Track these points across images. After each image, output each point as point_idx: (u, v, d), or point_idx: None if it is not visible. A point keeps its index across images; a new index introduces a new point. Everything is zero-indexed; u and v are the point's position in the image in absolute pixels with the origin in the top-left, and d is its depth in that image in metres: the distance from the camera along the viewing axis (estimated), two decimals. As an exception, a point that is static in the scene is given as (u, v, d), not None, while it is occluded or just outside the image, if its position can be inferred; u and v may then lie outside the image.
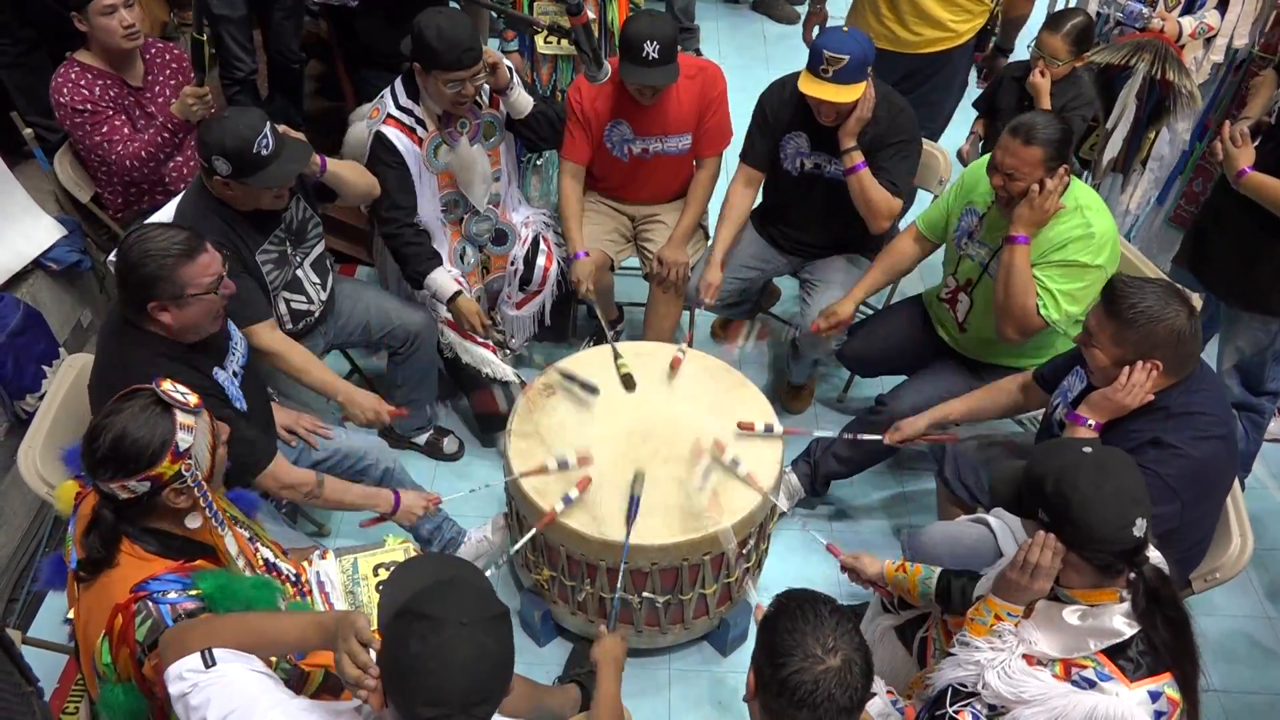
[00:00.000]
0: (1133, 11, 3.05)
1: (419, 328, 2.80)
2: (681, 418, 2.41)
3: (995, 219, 2.46)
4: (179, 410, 1.59)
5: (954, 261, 2.63)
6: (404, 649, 1.25)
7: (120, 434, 1.53)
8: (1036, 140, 2.23)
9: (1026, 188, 2.28)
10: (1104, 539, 1.49)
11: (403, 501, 2.32)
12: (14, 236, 2.74)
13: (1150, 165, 3.27)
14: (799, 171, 2.86)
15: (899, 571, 2.00)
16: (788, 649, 1.37)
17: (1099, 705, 1.46)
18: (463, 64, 2.51)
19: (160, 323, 1.94)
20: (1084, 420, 1.98)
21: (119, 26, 2.63)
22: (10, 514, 2.69)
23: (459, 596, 1.29)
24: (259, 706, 1.36)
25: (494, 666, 1.28)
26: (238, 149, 2.19)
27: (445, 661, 1.23)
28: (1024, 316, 2.35)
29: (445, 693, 1.23)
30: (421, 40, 2.49)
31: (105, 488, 1.55)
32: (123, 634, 1.52)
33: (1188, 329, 1.86)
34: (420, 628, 1.25)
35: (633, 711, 2.24)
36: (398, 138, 2.64)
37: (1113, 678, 1.49)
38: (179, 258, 1.89)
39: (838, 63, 2.53)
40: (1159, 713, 1.48)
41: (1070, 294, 2.33)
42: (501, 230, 2.97)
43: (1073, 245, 2.31)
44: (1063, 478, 1.51)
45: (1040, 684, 1.51)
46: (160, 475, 1.55)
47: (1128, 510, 1.49)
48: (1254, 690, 2.56)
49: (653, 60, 2.66)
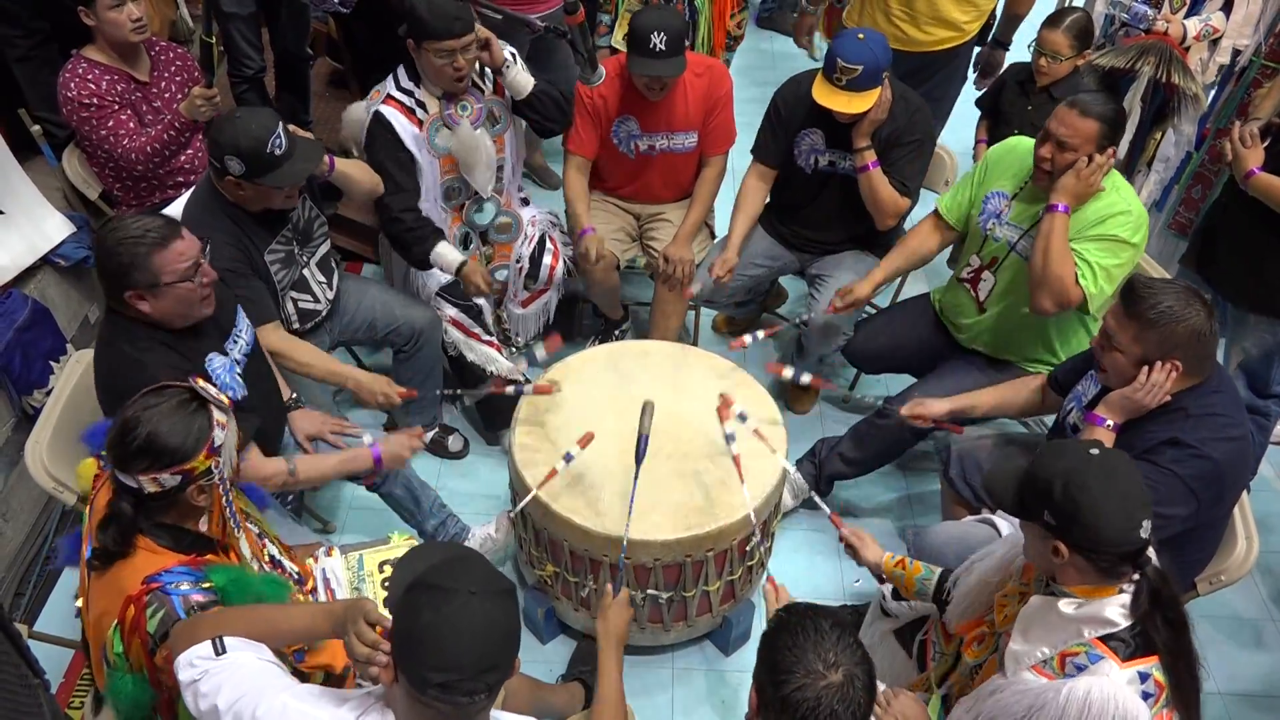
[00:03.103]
0: (1138, 13, 3.05)
1: (423, 325, 2.81)
2: (685, 415, 2.42)
3: (1027, 201, 2.45)
4: (214, 407, 1.61)
5: (978, 243, 2.60)
6: (415, 619, 1.27)
7: (158, 426, 1.54)
8: (1093, 114, 2.23)
9: (1075, 160, 2.26)
10: (1113, 541, 1.48)
11: (386, 450, 2.25)
12: (24, 233, 2.76)
13: (1155, 166, 3.28)
14: (813, 169, 2.86)
15: (897, 567, 2.00)
16: (789, 666, 1.36)
17: (1092, 688, 1.46)
18: (452, 32, 2.51)
19: (140, 311, 1.93)
20: (1102, 421, 1.97)
21: (127, 20, 2.65)
22: (17, 508, 2.70)
23: (468, 569, 1.32)
24: (269, 691, 1.37)
25: (504, 636, 1.29)
26: (252, 149, 2.20)
27: (457, 628, 1.25)
28: (1062, 286, 2.31)
29: (456, 658, 1.24)
30: (412, 12, 2.51)
31: (133, 480, 1.55)
32: (134, 625, 1.52)
33: (1207, 329, 1.85)
34: (432, 597, 1.27)
35: (635, 710, 2.24)
36: (395, 117, 2.65)
37: (1104, 657, 1.48)
38: (152, 246, 1.87)
39: (851, 72, 2.53)
40: (1146, 694, 1.47)
41: (1108, 270, 2.31)
42: (506, 219, 2.97)
43: (1112, 220, 2.30)
44: (1071, 480, 1.49)
45: (1038, 684, 1.52)
46: (193, 470, 1.57)
47: (1136, 513, 1.48)
48: (1257, 692, 2.56)
49: (660, 52, 2.66)
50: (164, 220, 1.94)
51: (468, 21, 2.55)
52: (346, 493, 2.95)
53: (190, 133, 2.79)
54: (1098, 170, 2.26)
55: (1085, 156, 2.25)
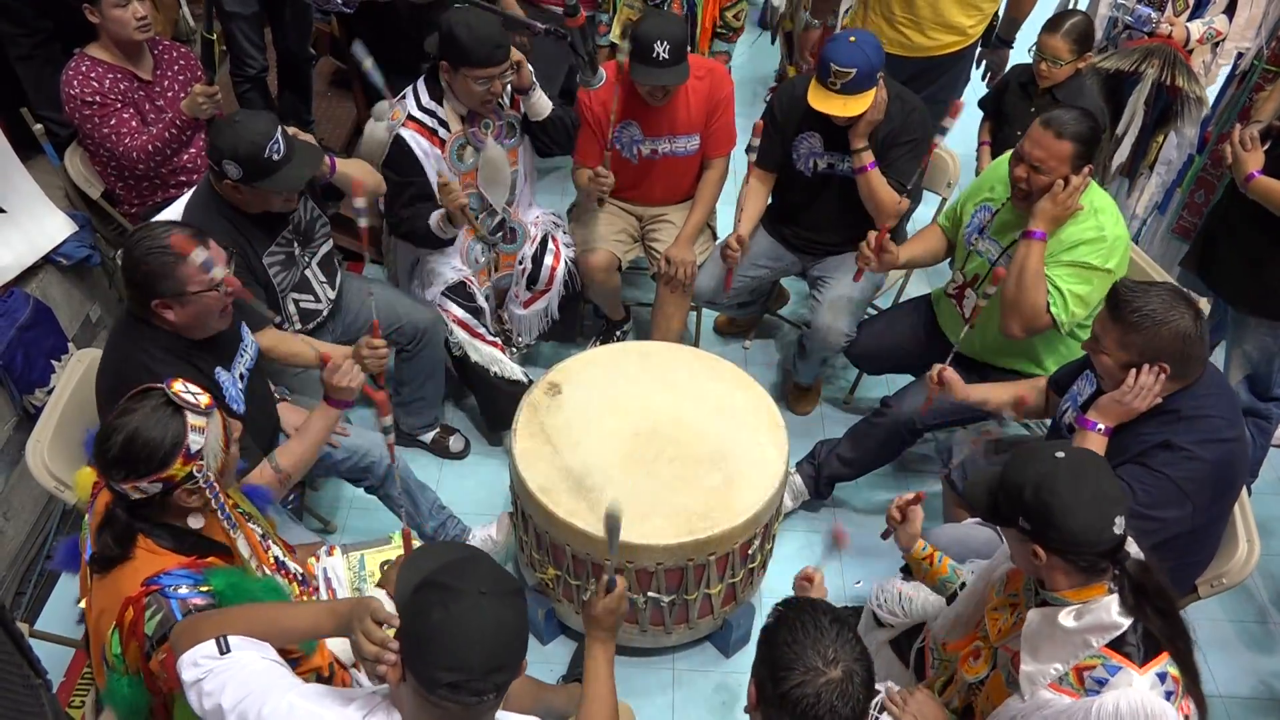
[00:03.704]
0: (1141, 16, 3.05)
1: (426, 325, 2.81)
2: (686, 417, 2.42)
3: (1007, 217, 2.45)
4: (190, 412, 1.58)
5: (963, 257, 2.62)
6: (425, 618, 1.27)
7: (131, 435, 1.53)
8: (1068, 135, 2.21)
9: (1050, 182, 2.25)
10: (1088, 541, 1.49)
11: (332, 385, 2.07)
12: (26, 231, 2.75)
13: (1158, 169, 3.27)
14: (812, 172, 2.86)
15: (925, 561, 1.97)
16: (788, 662, 1.36)
17: (1120, 701, 1.46)
18: (494, 60, 2.52)
19: (166, 319, 1.95)
20: (1093, 425, 1.96)
21: (132, 18, 2.65)
22: (18, 508, 2.70)
23: (477, 569, 1.32)
24: (275, 690, 1.37)
25: (512, 637, 1.29)
26: (250, 154, 2.19)
27: (466, 628, 1.25)
28: (1033, 314, 2.32)
29: (465, 658, 1.24)
30: (451, 37, 2.50)
31: (118, 488, 1.56)
32: (133, 627, 1.52)
33: (1193, 331, 1.85)
34: (441, 596, 1.27)
35: (636, 712, 2.24)
36: (416, 141, 2.66)
37: (1122, 667, 1.49)
38: (180, 255, 1.89)
39: (845, 76, 2.54)
40: (1168, 692, 1.48)
41: (1079, 296, 2.32)
42: (513, 229, 2.98)
43: (1084, 247, 2.30)
44: (1041, 485, 1.51)
45: (1060, 703, 1.52)
46: (172, 477, 1.56)
47: (1107, 510, 1.49)
48: (1258, 695, 2.56)
49: (663, 60, 2.66)
50: (191, 230, 1.95)
51: (507, 49, 2.55)
52: (347, 492, 2.95)
53: (192, 131, 2.79)
54: (1074, 193, 2.25)
55: (1061, 179, 2.24)
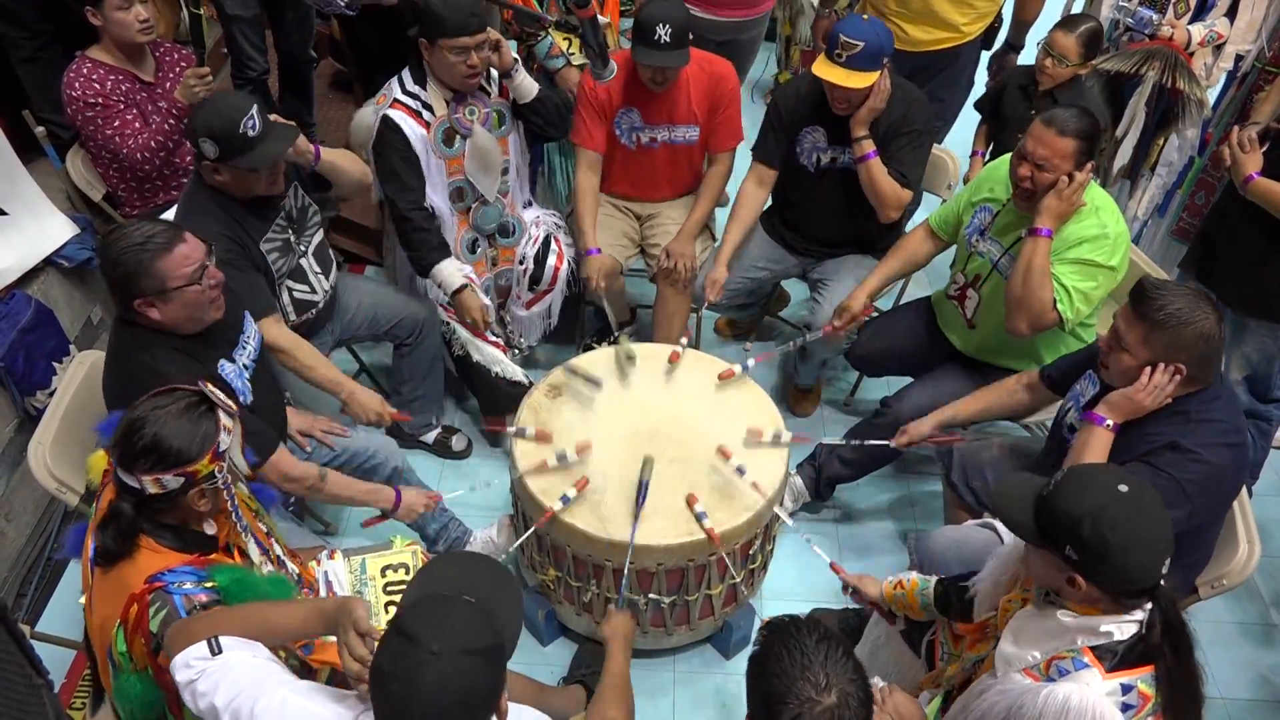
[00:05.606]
0: (1143, 18, 3.05)
1: (424, 318, 2.82)
2: (686, 418, 2.42)
3: (1008, 217, 2.46)
4: (222, 411, 1.61)
5: (964, 259, 2.63)
6: (381, 660, 1.26)
7: (165, 427, 1.54)
8: (1070, 132, 2.23)
9: (1055, 180, 2.26)
10: (1136, 580, 1.46)
11: (404, 499, 2.33)
12: (28, 234, 2.76)
13: (1159, 171, 3.27)
14: (816, 166, 2.86)
15: (897, 589, 1.99)
16: (780, 695, 1.33)
17: (1072, 694, 1.44)
18: (468, 28, 2.53)
19: (151, 318, 1.94)
20: (1101, 420, 1.96)
21: (134, 21, 2.65)
22: (20, 509, 2.70)
23: (444, 621, 1.26)
24: (268, 687, 1.37)
25: (456, 703, 1.23)
26: (225, 130, 2.18)
27: (409, 686, 1.22)
28: (1040, 311, 2.32)
29: (404, 714, 1.23)
30: (427, 9, 2.52)
31: (135, 480, 1.55)
32: (138, 623, 1.52)
33: (1216, 333, 1.85)
34: (397, 645, 1.25)
35: (636, 713, 2.23)
36: (403, 120, 2.66)
37: (1089, 666, 1.47)
38: (156, 251, 1.88)
39: (852, 48, 2.54)
40: (1127, 705, 1.46)
41: (1084, 293, 2.32)
42: (509, 222, 2.98)
43: (1087, 244, 2.31)
44: (1101, 519, 1.44)
45: (1020, 685, 1.52)
46: (195, 472, 1.57)
47: (1162, 553, 1.45)
48: (1258, 697, 2.56)
49: (665, 43, 2.67)
50: (166, 225, 1.94)
51: (482, 19, 2.57)
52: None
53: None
54: (1079, 189, 2.26)
55: (1065, 175, 2.25)
